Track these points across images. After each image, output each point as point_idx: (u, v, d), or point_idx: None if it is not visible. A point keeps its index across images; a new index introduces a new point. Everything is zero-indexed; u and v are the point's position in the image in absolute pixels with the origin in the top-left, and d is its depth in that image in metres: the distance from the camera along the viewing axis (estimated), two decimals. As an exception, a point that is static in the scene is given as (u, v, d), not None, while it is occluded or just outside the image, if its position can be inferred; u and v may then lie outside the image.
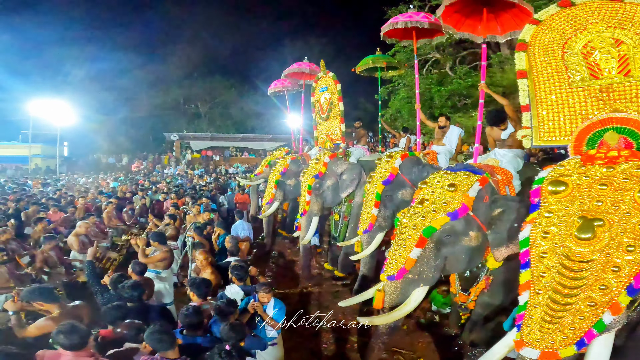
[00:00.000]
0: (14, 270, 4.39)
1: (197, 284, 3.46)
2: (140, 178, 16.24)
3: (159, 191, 11.25)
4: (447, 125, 5.71)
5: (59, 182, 14.53)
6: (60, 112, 20.74)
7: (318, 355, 4.19)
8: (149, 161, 24.42)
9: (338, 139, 6.07)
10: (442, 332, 4.52)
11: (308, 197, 5.58)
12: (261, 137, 27.89)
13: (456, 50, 14.00)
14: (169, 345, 2.50)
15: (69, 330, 2.41)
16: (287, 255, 7.44)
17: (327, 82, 6.15)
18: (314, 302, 5.40)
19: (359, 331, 4.54)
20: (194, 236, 5.15)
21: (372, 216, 4.48)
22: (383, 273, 3.26)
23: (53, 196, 9.46)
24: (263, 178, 7.92)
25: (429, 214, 3.10)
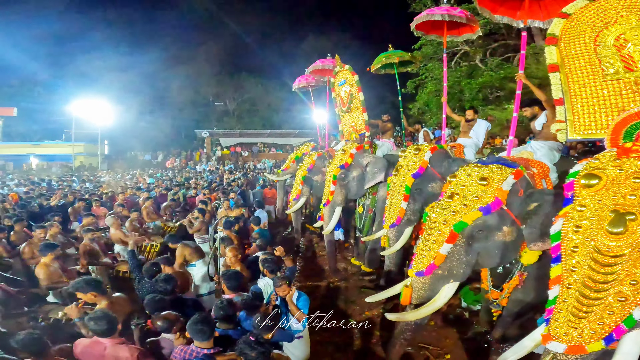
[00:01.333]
0: (64, 265, 4.59)
1: (228, 277, 3.51)
2: (174, 174, 16.80)
3: (192, 187, 11.59)
4: (474, 119, 5.58)
5: (101, 178, 15.29)
6: (100, 112, 21.72)
7: (344, 350, 4.16)
8: (182, 158, 25.20)
9: (362, 129, 6.01)
10: (471, 329, 4.39)
11: (332, 187, 5.52)
12: (288, 132, 28.09)
13: (486, 42, 13.58)
14: (208, 336, 2.58)
15: (100, 317, 2.56)
16: (314, 249, 7.48)
17: (345, 75, 6.11)
18: (341, 297, 5.38)
19: (385, 326, 4.46)
20: (223, 230, 5.26)
21: (401, 210, 4.37)
22: (411, 269, 3.19)
23: (95, 192, 9.96)
24: (290, 173, 7.96)
25: (459, 208, 3.00)
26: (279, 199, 8.41)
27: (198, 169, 20.71)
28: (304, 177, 6.73)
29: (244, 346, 2.38)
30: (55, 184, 12.29)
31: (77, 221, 7.07)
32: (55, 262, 4.34)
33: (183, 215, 8.69)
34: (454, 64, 13.61)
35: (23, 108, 25.49)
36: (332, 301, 5.22)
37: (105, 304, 3.11)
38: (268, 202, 10.15)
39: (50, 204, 8.30)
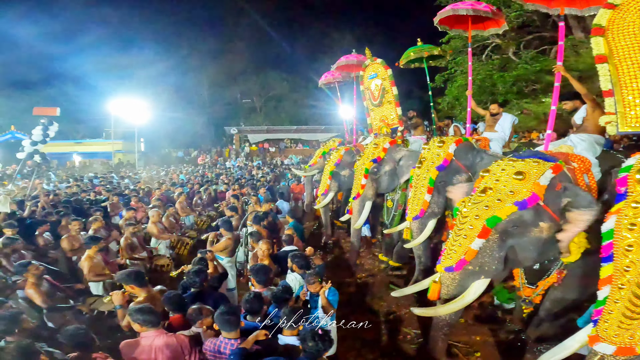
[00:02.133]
0: (107, 257, 4.80)
1: (257, 271, 3.55)
2: (206, 170, 17.26)
3: (223, 182, 11.87)
4: (499, 113, 5.45)
5: (137, 175, 15.95)
6: (136, 110, 22.57)
7: (370, 346, 4.14)
8: (212, 154, 25.84)
9: (395, 123, 5.90)
10: (503, 327, 4.26)
11: (364, 180, 5.45)
12: (314, 128, 28.18)
13: (519, 35, 13.10)
14: (234, 326, 2.62)
15: (144, 309, 2.65)
16: (341, 245, 7.45)
17: (376, 69, 6.01)
18: (368, 293, 5.35)
19: (413, 323, 4.43)
20: (252, 225, 5.33)
21: (425, 202, 4.32)
22: (440, 264, 3.14)
23: (134, 188, 10.40)
24: (317, 169, 7.98)
25: (493, 203, 2.89)
26: (307, 194, 8.45)
27: (227, 165, 21.17)
28: (332, 172, 6.72)
29: (306, 334, 2.36)
30: (97, 181, 12.93)
31: (118, 216, 7.40)
32: (98, 254, 4.52)
33: (214, 210, 8.95)
34: (485, 57, 13.20)
35: (65, 108, 26.82)
36: (359, 297, 5.20)
37: (144, 297, 3.20)
38: (295, 197, 10.24)
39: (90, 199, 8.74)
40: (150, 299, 3.17)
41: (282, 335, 2.76)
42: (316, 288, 3.43)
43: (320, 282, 3.46)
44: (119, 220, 7.05)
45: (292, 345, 2.68)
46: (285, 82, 32.78)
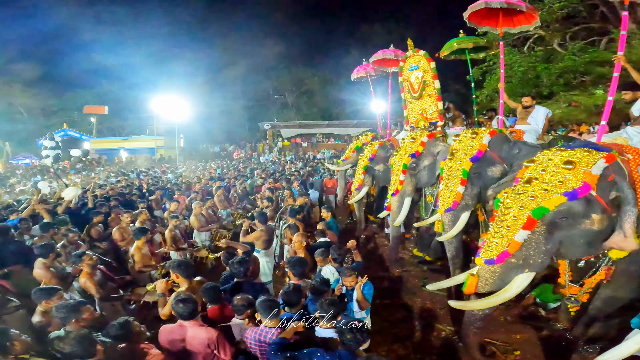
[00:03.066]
0: (153, 248, 5.00)
1: (294, 263, 3.57)
2: (240, 165, 17.68)
3: (258, 177, 12.11)
4: (532, 105, 5.28)
5: (179, 169, 16.63)
6: (176, 108, 23.45)
7: (402, 341, 4.08)
8: (246, 149, 26.42)
9: (435, 118, 5.72)
10: (545, 326, 4.06)
11: (402, 176, 5.32)
12: (346, 123, 28.06)
13: (564, 26, 12.49)
14: (275, 315, 2.67)
15: (185, 299, 2.72)
16: (374, 239, 7.40)
17: (418, 61, 5.81)
18: (401, 288, 5.27)
19: (448, 319, 4.33)
20: (288, 219, 5.39)
21: (458, 194, 4.20)
22: (479, 257, 3.03)
23: (176, 182, 10.85)
24: (350, 163, 7.93)
25: (539, 193, 2.75)
26: (340, 189, 8.43)
27: (261, 160, 21.55)
28: (366, 166, 6.65)
29: (344, 327, 2.37)
30: (142, 175, 13.61)
31: (162, 209, 7.75)
32: (146, 245, 4.71)
33: (250, 203, 9.15)
34: (527, 49, 12.65)
35: (112, 106, 28.54)
36: (392, 292, 5.14)
37: (185, 287, 3.30)
38: (328, 191, 10.25)
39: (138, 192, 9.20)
40: (191, 290, 3.25)
41: (319, 327, 2.77)
42: (352, 282, 3.42)
43: (356, 276, 3.45)
44: (161, 213, 7.40)
45: (329, 337, 2.68)
46: (317, 78, 32.90)
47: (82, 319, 2.70)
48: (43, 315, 3.02)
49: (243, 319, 2.87)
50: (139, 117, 28.92)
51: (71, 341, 2.24)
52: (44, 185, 8.83)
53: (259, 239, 5.04)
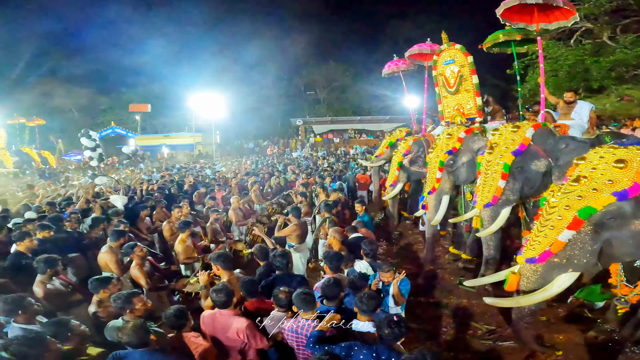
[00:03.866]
0: (196, 241, 5.15)
1: (330, 257, 3.57)
2: (275, 160, 17.99)
3: (291, 172, 12.29)
4: (574, 100, 5.10)
5: (216, 165, 17.20)
6: (212, 105, 24.21)
7: (435, 338, 4.05)
8: (279, 145, 26.81)
9: (473, 114, 5.55)
10: (591, 327, 3.88)
11: (439, 174, 5.21)
12: (378, 118, 27.74)
13: (614, 19, 11.87)
14: (311, 306, 2.71)
15: (220, 288, 2.83)
16: (408, 236, 7.31)
17: (454, 55, 5.64)
18: (437, 285, 5.21)
19: (485, 318, 4.24)
20: (324, 213, 5.43)
21: (498, 189, 4.07)
22: (521, 255, 2.99)
23: (214, 177, 11.26)
24: (384, 159, 7.87)
25: (587, 192, 2.65)
26: (374, 185, 8.39)
27: (294, 155, 21.81)
28: (400, 162, 6.57)
29: (382, 321, 2.37)
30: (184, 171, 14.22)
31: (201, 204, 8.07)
32: (189, 238, 4.87)
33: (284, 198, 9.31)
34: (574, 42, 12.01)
35: (155, 104, 29.95)
36: (426, 289, 5.08)
37: (226, 279, 3.38)
38: (361, 187, 10.23)
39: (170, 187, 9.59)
40: (231, 282, 3.32)
41: (357, 321, 2.76)
42: (390, 277, 3.43)
43: (394, 272, 3.45)
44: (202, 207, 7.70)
45: (367, 331, 2.69)
46: (348, 73, 32.70)
47: (136, 309, 2.80)
48: (99, 304, 3.14)
49: (284, 312, 2.91)
50: (179, 115, 30.08)
51: (129, 330, 2.31)
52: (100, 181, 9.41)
53: (292, 234, 5.13)
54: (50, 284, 3.47)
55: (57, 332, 2.46)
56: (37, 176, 15.26)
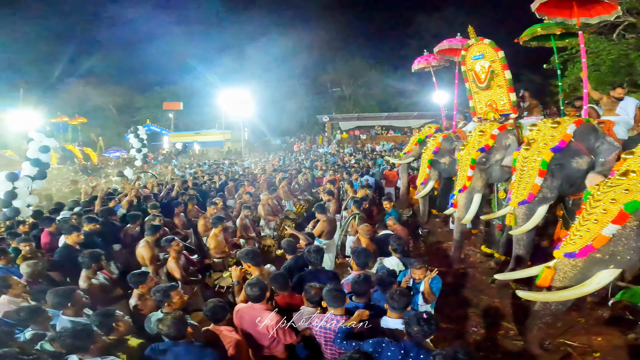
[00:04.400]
0: (227, 236, 5.25)
1: (358, 253, 3.56)
2: (303, 157, 18.12)
3: (319, 168, 12.34)
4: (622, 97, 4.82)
5: (245, 162, 17.56)
6: (241, 102, 24.67)
7: (464, 337, 3.97)
8: (306, 142, 26.95)
9: (507, 110, 5.36)
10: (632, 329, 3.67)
11: (470, 171, 5.08)
12: (406, 115, 27.31)
13: None
14: (341, 302, 2.71)
15: (254, 282, 2.87)
16: (438, 234, 7.18)
17: (483, 49, 5.46)
18: (467, 284, 5.10)
19: (517, 318, 4.10)
20: (353, 209, 5.41)
21: (535, 186, 3.92)
22: (559, 250, 2.91)
23: (243, 173, 11.51)
24: (412, 156, 7.75)
25: (635, 187, 2.57)
26: (402, 182, 8.28)
27: (321, 152, 21.86)
28: (431, 160, 6.46)
29: (411, 318, 2.35)
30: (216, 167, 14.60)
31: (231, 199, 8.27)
32: (221, 233, 4.96)
33: (311, 194, 9.39)
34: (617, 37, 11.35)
35: (186, 102, 30.95)
36: (456, 288, 4.98)
37: (257, 274, 3.40)
38: (388, 184, 10.14)
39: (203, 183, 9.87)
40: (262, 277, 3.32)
41: (386, 317, 2.76)
42: (421, 275, 3.39)
43: (425, 269, 3.41)
44: (233, 203, 7.89)
45: (395, 328, 2.67)
46: (374, 70, 32.44)
47: (173, 302, 2.85)
48: (139, 298, 3.21)
49: (314, 307, 2.93)
50: (209, 112, 30.89)
51: (169, 322, 2.37)
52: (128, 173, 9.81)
53: (324, 230, 5.17)
54: (95, 278, 3.60)
55: (103, 323, 2.54)
56: (80, 172, 16.18)
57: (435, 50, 7.43)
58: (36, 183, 7.30)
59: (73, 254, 4.10)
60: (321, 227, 5.16)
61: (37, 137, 7.21)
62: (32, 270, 3.61)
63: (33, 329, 2.64)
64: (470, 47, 5.59)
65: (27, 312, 2.69)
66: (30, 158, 7.17)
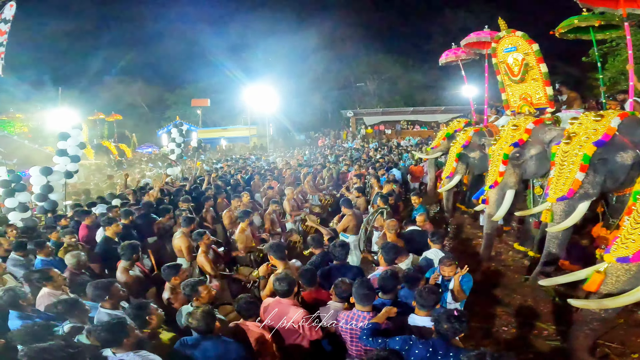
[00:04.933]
0: (254, 230, 5.26)
1: (388, 249, 3.50)
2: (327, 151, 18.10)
3: (344, 163, 12.28)
4: None
5: (270, 157, 17.74)
6: (265, 98, 24.90)
7: (494, 336, 3.83)
8: (330, 136, 26.91)
9: (543, 104, 5.09)
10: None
11: (502, 167, 4.84)
12: (433, 109, 26.73)
13: None
14: (370, 301, 2.65)
15: (282, 277, 2.84)
16: (466, 231, 6.96)
17: (515, 42, 5.21)
18: (499, 283, 4.90)
19: (553, 319, 3.93)
20: (379, 204, 5.33)
21: (575, 181, 3.70)
22: (609, 254, 2.74)
23: (269, 168, 11.62)
24: (441, 151, 7.54)
25: None
26: (429, 177, 8.09)
27: (345, 147, 21.75)
28: (459, 154, 6.24)
29: (441, 316, 2.30)
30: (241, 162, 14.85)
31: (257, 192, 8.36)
32: (248, 227, 4.95)
33: (337, 188, 9.36)
34: None
35: (213, 99, 31.59)
36: (486, 287, 4.78)
37: (281, 269, 3.38)
38: (414, 179, 9.95)
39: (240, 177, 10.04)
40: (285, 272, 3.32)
41: (414, 315, 2.69)
42: (451, 271, 3.29)
43: (456, 266, 3.31)
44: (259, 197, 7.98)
45: (423, 326, 2.60)
46: (398, 64, 31.87)
47: (201, 296, 2.87)
48: (172, 291, 3.23)
49: (342, 303, 2.89)
50: (235, 108, 31.41)
51: (199, 316, 2.38)
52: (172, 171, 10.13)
53: (349, 225, 5.12)
54: (132, 270, 3.67)
55: (138, 315, 2.58)
56: (116, 167, 16.89)
57: (462, 44, 7.19)
58: (73, 178, 7.57)
59: (111, 246, 4.23)
60: (346, 222, 5.12)
61: (72, 134, 7.37)
62: (77, 260, 3.70)
63: (71, 321, 2.66)
64: (502, 39, 5.37)
65: (65, 304, 2.71)
66: (64, 154, 7.32)
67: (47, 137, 17.93)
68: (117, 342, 2.22)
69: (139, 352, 2.26)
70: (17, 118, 21.90)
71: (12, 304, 2.82)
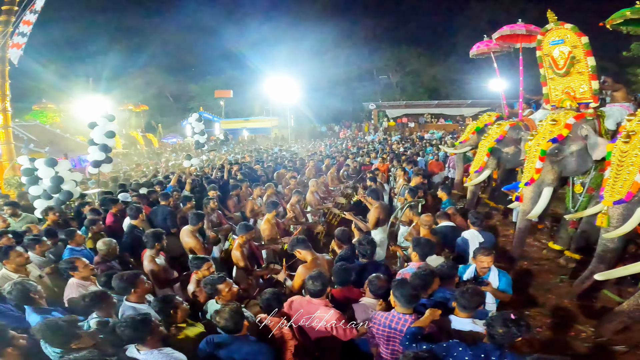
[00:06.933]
0: (279, 222, 5.07)
1: (422, 245, 3.30)
2: (349, 143, 17.91)
3: (366, 155, 12.08)
4: None
5: (292, 148, 17.72)
6: (287, 90, 24.82)
7: (527, 338, 3.54)
8: (352, 129, 26.65)
9: (586, 98, 4.78)
10: None
11: (539, 163, 4.57)
12: (458, 103, 26.01)
13: None
14: (413, 302, 2.45)
15: (315, 276, 2.66)
16: (495, 227, 6.70)
17: (564, 34, 4.88)
18: (532, 283, 4.69)
19: (590, 320, 3.73)
20: (407, 197, 5.14)
21: (635, 184, 3.40)
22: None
23: (291, 159, 11.57)
24: (470, 145, 7.24)
25: None
26: (457, 172, 7.82)
27: (368, 139, 21.47)
28: (491, 148, 5.96)
29: (495, 319, 2.09)
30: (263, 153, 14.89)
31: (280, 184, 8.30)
32: (274, 219, 4.81)
33: (359, 180, 9.21)
34: None
35: (236, 90, 31.83)
36: (519, 286, 4.55)
37: (309, 260, 3.25)
38: (428, 174, 9.66)
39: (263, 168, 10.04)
40: (315, 264, 3.20)
41: (454, 316, 2.51)
42: (490, 262, 3.11)
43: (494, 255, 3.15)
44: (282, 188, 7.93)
45: (471, 330, 2.41)
46: (422, 57, 31.25)
47: (222, 295, 2.73)
48: (197, 284, 3.10)
49: (376, 299, 2.74)
50: (257, 99, 31.55)
51: (226, 314, 2.27)
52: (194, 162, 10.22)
53: (378, 217, 4.93)
54: (158, 258, 3.60)
55: (163, 309, 2.52)
56: (143, 157, 17.31)
57: (494, 37, 6.82)
58: (103, 167, 7.63)
59: (137, 235, 4.23)
60: (375, 215, 4.91)
61: (101, 123, 7.36)
62: (108, 248, 3.68)
63: (97, 315, 2.59)
64: (549, 31, 5.04)
65: (92, 297, 2.61)
66: (95, 143, 7.33)
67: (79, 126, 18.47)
68: (141, 338, 2.16)
69: (163, 350, 2.18)
70: (49, 108, 22.57)
71: (23, 298, 2.66)
